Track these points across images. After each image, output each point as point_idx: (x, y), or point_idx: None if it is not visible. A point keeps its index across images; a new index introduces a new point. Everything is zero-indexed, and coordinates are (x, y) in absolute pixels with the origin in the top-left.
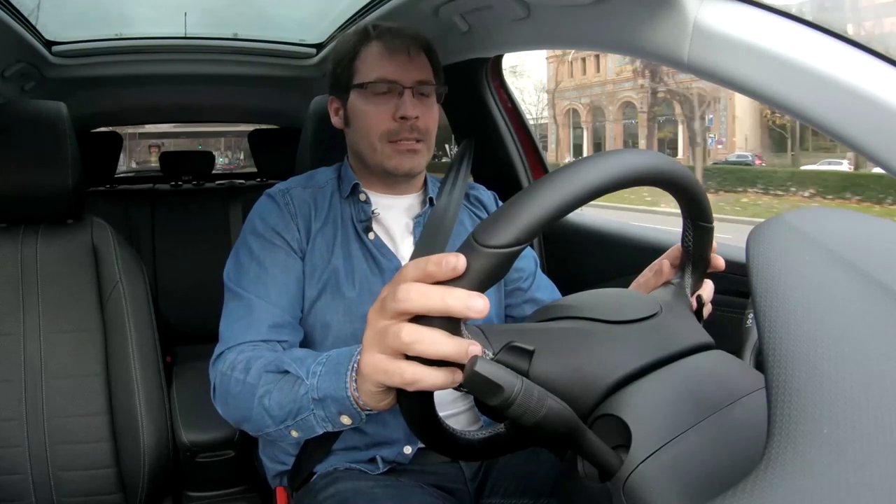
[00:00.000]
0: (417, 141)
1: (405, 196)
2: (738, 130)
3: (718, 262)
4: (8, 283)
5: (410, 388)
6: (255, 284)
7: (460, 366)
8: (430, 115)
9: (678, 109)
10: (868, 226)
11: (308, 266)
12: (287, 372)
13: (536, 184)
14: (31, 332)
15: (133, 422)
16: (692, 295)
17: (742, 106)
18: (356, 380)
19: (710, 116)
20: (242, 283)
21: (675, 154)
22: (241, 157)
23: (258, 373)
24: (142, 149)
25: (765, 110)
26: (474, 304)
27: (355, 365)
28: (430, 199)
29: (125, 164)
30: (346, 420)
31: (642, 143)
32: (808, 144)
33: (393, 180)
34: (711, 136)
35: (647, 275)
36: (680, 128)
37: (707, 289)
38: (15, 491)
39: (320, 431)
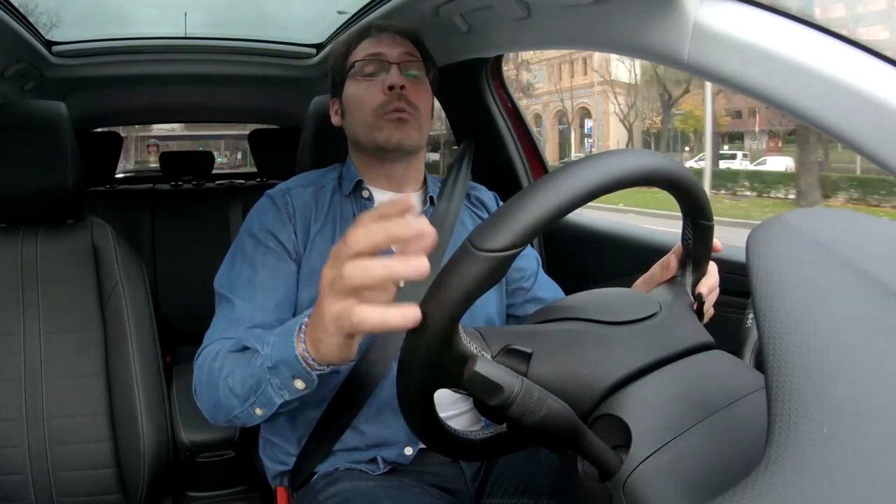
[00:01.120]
0: (408, 113)
1: (407, 193)
2: (613, 136)
3: (716, 245)
4: (8, 283)
5: (367, 325)
6: (243, 287)
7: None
8: (420, 92)
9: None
10: (868, 226)
11: (306, 269)
12: (247, 349)
13: (532, 186)
14: (31, 332)
15: (133, 422)
16: (692, 293)
17: (617, 116)
18: (306, 341)
19: (591, 125)
20: (230, 286)
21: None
22: (239, 156)
23: (224, 356)
24: (145, 151)
25: (629, 119)
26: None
27: (303, 325)
28: (431, 198)
29: (130, 163)
30: (299, 384)
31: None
32: (679, 146)
33: (390, 161)
34: (590, 140)
35: (654, 269)
36: (572, 134)
37: (711, 280)
38: (15, 491)
39: (279, 401)
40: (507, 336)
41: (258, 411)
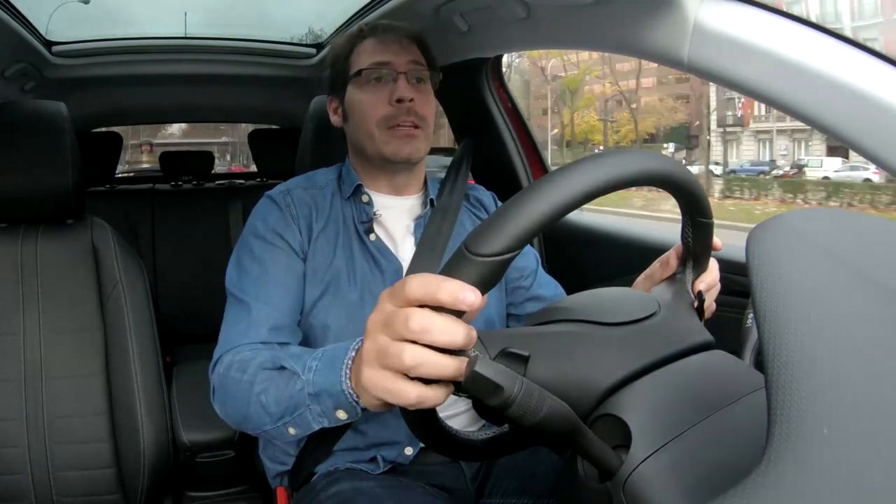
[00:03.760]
0: (415, 127)
1: (407, 197)
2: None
3: (716, 243)
4: (8, 283)
5: (414, 408)
6: (256, 287)
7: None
8: (427, 102)
9: None
10: (868, 226)
11: (310, 268)
12: (283, 368)
13: (528, 189)
14: (31, 332)
15: (133, 422)
16: (693, 290)
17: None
18: (351, 377)
19: None
20: (243, 287)
21: None
22: (228, 157)
23: (255, 370)
24: (137, 151)
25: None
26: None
27: (350, 361)
28: (432, 200)
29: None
30: (342, 415)
31: None
32: None
33: (393, 170)
34: None
35: (654, 266)
36: None
37: (710, 277)
38: (15, 491)
39: (316, 427)
40: (505, 339)
41: (291, 430)
